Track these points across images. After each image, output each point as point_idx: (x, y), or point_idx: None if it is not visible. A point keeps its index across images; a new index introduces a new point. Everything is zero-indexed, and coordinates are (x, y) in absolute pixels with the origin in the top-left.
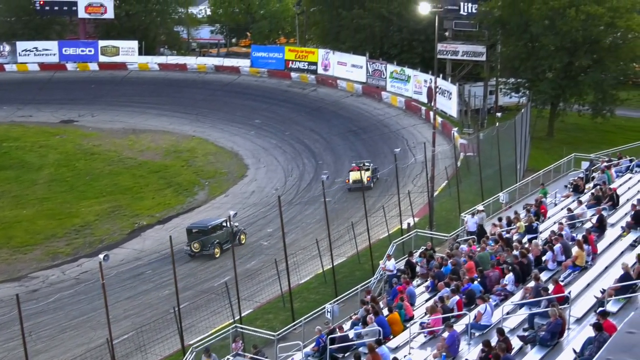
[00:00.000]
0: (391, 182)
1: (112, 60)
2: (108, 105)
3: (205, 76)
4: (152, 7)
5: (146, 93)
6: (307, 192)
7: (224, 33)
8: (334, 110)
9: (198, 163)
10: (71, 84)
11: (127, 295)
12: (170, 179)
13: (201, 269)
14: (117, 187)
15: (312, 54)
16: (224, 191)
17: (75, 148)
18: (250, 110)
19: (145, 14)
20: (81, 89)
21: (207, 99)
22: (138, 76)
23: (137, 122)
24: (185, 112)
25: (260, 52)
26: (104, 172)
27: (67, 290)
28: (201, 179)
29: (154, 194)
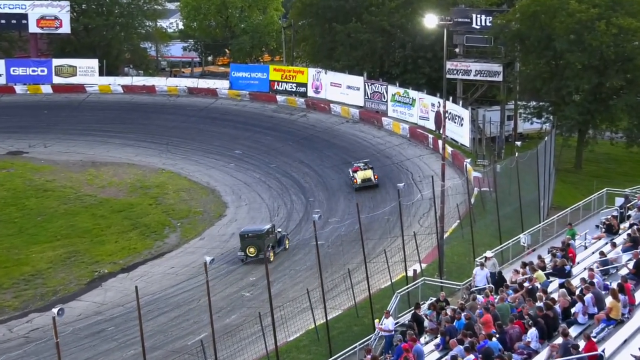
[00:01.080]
0: (394, 223)
1: (68, 81)
2: (63, 134)
3: (177, 100)
4: (115, 20)
5: (108, 120)
6: (296, 234)
7: (199, 50)
8: (326, 138)
9: (169, 201)
10: (20, 109)
11: (85, 356)
12: (136, 219)
13: (173, 324)
14: (74, 229)
15: (301, 73)
16: (199, 233)
17: (24, 184)
18: (230, 139)
19: (106, 28)
20: (32, 115)
21: (179, 126)
22: (98, 100)
23: (98, 153)
24: (153, 142)
25: (241, 71)
26: (59, 211)
27: (15, 350)
28: (172, 219)
29: (117, 237)
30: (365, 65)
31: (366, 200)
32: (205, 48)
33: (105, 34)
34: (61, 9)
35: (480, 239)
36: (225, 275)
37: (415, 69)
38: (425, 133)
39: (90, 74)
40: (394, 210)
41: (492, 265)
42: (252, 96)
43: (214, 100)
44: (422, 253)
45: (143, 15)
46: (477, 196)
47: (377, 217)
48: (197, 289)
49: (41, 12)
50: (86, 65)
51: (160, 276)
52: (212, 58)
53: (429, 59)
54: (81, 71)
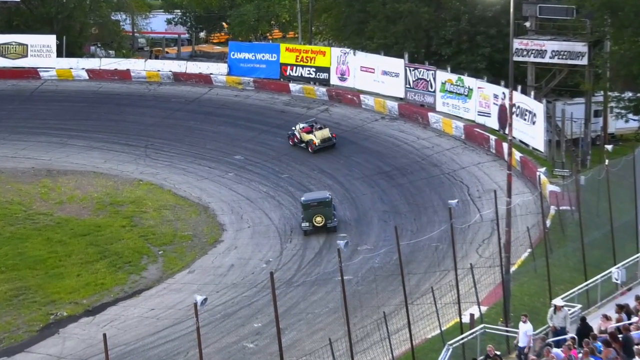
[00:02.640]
0: (444, 251)
1: (16, 64)
2: (10, 132)
3: (160, 89)
4: None
5: (68, 114)
6: (315, 266)
7: (188, 24)
8: (355, 140)
9: (148, 222)
10: None
11: None
12: (104, 246)
13: None
14: (23, 258)
15: (322, 55)
16: (187, 265)
17: None
18: (228, 141)
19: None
20: None
21: (161, 123)
22: (57, 89)
23: (55, 158)
24: (128, 144)
25: (243, 52)
26: (3, 235)
27: None
28: (152, 246)
29: (79, 270)
30: (406, 44)
31: (407, 223)
32: (197, 21)
33: (66, 3)
34: None
35: (559, 273)
36: (221, 321)
37: (472, 48)
38: (485, 133)
39: (46, 54)
40: (445, 235)
41: (563, 319)
42: (258, 84)
43: (207, 89)
44: (482, 292)
45: None
46: (554, 217)
47: (422, 245)
48: (184, 338)
49: None
50: (40, 42)
51: (137, 321)
52: (205, 34)
53: (491, 36)
54: (34, 51)
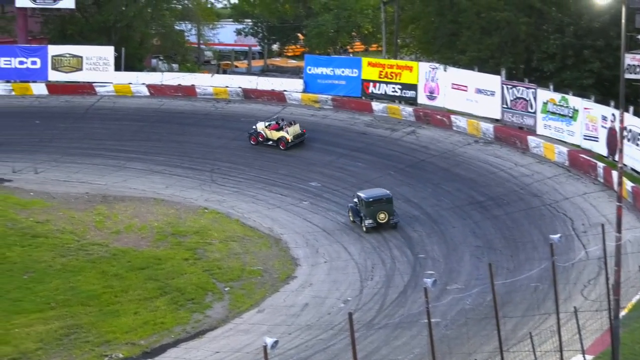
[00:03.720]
0: (545, 292)
1: (69, 78)
2: (62, 154)
3: (227, 107)
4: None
5: (127, 134)
6: (399, 307)
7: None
8: (445, 167)
9: (213, 255)
10: (1, 117)
11: None
12: (165, 280)
13: None
14: (76, 293)
15: (409, 70)
16: (256, 303)
17: (5, 226)
18: (303, 166)
19: (126, 1)
20: (18, 127)
21: (229, 145)
22: (114, 106)
23: (111, 183)
24: (191, 168)
25: (321, 66)
26: (54, 267)
27: None
28: (218, 281)
29: (137, 307)
30: (503, 58)
31: (503, 259)
32: (269, 32)
33: (125, 10)
34: None
35: None
36: None
37: (578, 64)
38: (592, 160)
39: (103, 67)
40: (545, 274)
41: None
42: (337, 103)
43: (280, 108)
44: (587, 339)
45: None
46: None
47: (519, 285)
48: None
49: None
50: (96, 54)
51: None
52: (279, 47)
53: (599, 50)
54: (89, 64)
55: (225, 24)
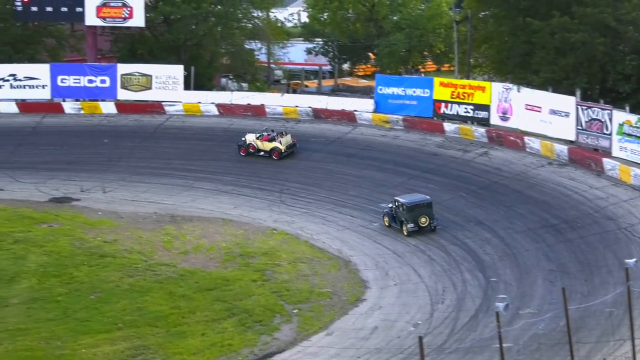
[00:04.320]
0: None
1: (139, 97)
2: (130, 173)
3: (297, 127)
4: (209, 9)
5: (195, 154)
6: (470, 331)
7: (330, 54)
8: (518, 189)
9: (281, 276)
10: (70, 136)
11: None
12: (232, 302)
13: None
14: (143, 313)
15: (482, 91)
16: (324, 326)
17: (73, 245)
18: (373, 187)
19: (196, 21)
20: (86, 146)
21: (298, 165)
22: (183, 125)
23: (180, 203)
24: (260, 188)
25: (392, 86)
26: (121, 287)
27: None
28: (286, 303)
29: (204, 328)
30: (577, 79)
31: (577, 284)
32: (340, 51)
33: (195, 29)
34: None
35: None
36: None
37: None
38: None
39: (172, 86)
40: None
41: None
42: (408, 123)
43: (351, 128)
44: None
45: (249, 1)
46: None
47: (593, 310)
48: None
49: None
50: (166, 73)
51: None
52: (350, 66)
53: None
54: (159, 82)
55: (295, 43)
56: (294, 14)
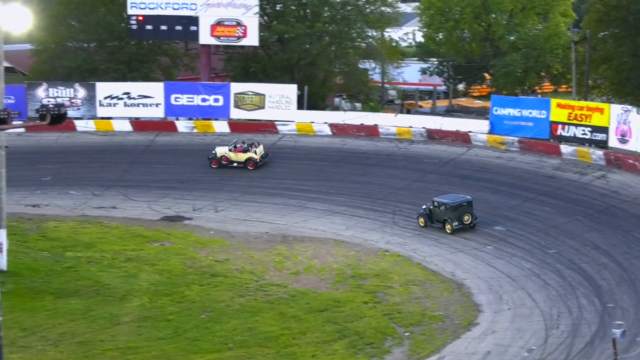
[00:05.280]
0: None
1: (251, 116)
2: (242, 192)
3: (410, 148)
4: (323, 27)
5: (308, 174)
6: (586, 358)
7: (445, 74)
8: (637, 213)
9: (393, 298)
10: (183, 155)
11: None
12: (343, 324)
13: None
14: (253, 334)
15: (600, 112)
16: (436, 349)
17: (184, 264)
18: (488, 209)
19: (310, 40)
20: (199, 165)
21: (411, 187)
22: (296, 145)
23: (291, 223)
24: (373, 209)
25: (507, 107)
26: (232, 307)
27: None
28: (397, 326)
29: (314, 350)
30: None
31: None
32: (455, 71)
33: (309, 48)
34: (246, 10)
35: None
36: None
37: None
38: None
39: (285, 106)
40: None
41: None
42: (523, 145)
43: (465, 149)
44: None
45: (364, 21)
46: None
47: None
48: None
49: (218, 15)
50: (279, 93)
51: None
52: (465, 86)
53: None
54: (272, 102)
55: (410, 62)
56: (408, 34)
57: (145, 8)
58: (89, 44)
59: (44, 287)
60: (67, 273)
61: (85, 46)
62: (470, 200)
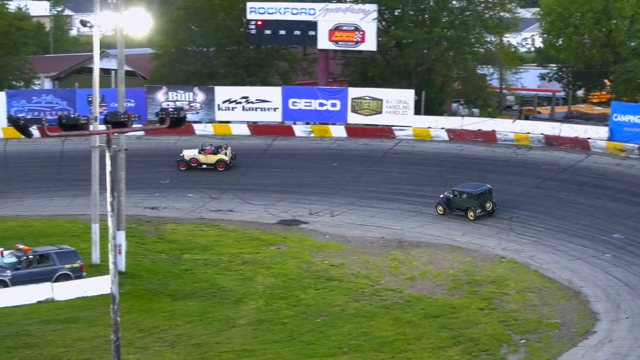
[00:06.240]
0: None
1: (369, 121)
2: (358, 197)
3: (528, 154)
4: (442, 33)
5: (424, 179)
6: None
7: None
8: None
9: (509, 305)
10: (300, 159)
11: None
12: (459, 330)
13: None
14: (368, 339)
15: None
16: (552, 357)
17: (300, 268)
18: (606, 217)
19: (429, 45)
20: (316, 169)
21: (528, 193)
22: (412, 150)
23: (407, 228)
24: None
25: (627, 114)
26: (347, 311)
27: None
28: (513, 333)
29: (429, 355)
30: None
31: None
32: (574, 77)
33: (427, 53)
34: (365, 15)
35: None
36: None
37: None
38: None
39: (403, 111)
40: None
41: None
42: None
43: (583, 156)
44: None
45: (483, 26)
46: None
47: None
48: None
49: (336, 20)
50: (397, 98)
51: None
52: (584, 92)
53: None
54: (389, 107)
55: (528, 68)
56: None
57: (264, 13)
58: (208, 49)
59: (162, 288)
60: (184, 275)
61: (204, 50)
62: (491, 189)
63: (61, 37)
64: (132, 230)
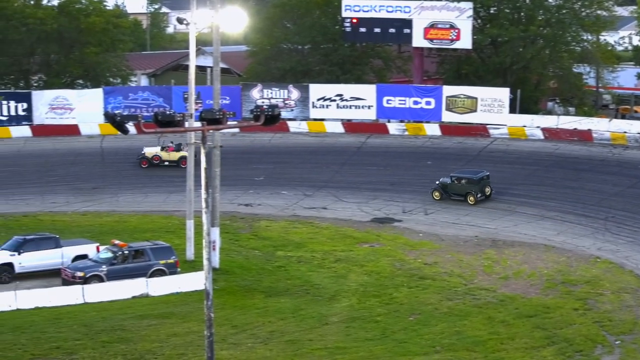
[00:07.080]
0: None
1: (463, 119)
2: None
3: (624, 153)
4: (538, 31)
5: (519, 178)
6: None
7: None
8: None
9: (604, 306)
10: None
11: None
12: (553, 330)
13: None
14: (461, 338)
15: None
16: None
17: (393, 266)
18: None
19: (524, 43)
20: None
21: (625, 193)
22: (507, 149)
23: (501, 227)
24: (584, 215)
25: None
26: (440, 310)
27: None
28: (608, 334)
29: (522, 355)
30: None
31: None
32: None
33: (522, 52)
34: (460, 13)
35: None
36: None
37: None
38: None
39: (497, 109)
40: None
41: None
42: None
43: None
44: None
45: (579, 24)
46: None
47: None
48: None
49: (432, 18)
50: (491, 96)
51: None
52: None
53: None
54: (484, 105)
55: (626, 66)
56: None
57: (359, 11)
58: (303, 46)
59: (255, 285)
60: (278, 272)
61: (299, 48)
62: (488, 174)
63: (158, 34)
64: (226, 227)
